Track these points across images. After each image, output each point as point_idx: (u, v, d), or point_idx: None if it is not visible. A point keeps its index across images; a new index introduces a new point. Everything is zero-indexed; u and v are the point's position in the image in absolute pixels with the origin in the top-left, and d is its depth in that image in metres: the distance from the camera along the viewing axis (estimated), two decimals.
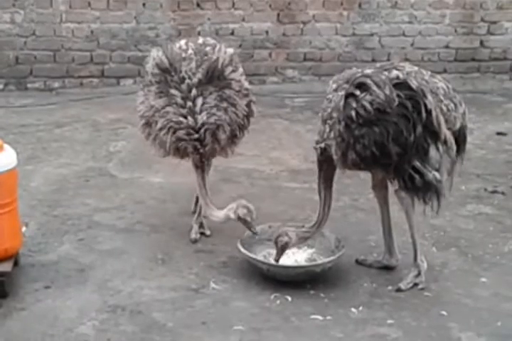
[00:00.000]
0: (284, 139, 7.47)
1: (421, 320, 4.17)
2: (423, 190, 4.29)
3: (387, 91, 4.16)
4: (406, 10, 9.35)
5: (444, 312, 4.26)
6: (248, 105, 4.92)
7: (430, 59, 9.47)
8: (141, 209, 5.66)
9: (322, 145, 4.38)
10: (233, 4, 9.17)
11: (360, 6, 9.30)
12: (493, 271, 4.76)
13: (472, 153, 6.90)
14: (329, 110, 4.34)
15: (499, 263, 4.88)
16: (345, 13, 9.31)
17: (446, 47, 9.49)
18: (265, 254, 4.76)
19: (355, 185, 5.64)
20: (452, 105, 4.34)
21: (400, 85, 4.21)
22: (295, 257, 4.77)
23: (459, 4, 9.38)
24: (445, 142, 4.25)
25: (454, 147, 4.32)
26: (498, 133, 7.63)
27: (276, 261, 4.58)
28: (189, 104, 4.62)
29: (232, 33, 9.20)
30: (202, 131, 4.65)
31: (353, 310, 4.28)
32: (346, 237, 4.98)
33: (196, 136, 4.66)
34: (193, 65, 4.70)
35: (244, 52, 8.91)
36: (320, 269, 4.55)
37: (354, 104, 4.20)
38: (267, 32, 9.26)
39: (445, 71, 9.41)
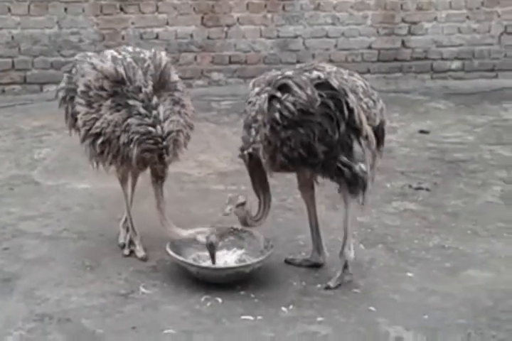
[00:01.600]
0: (212, 142, 7.47)
1: (350, 316, 4.22)
2: (353, 181, 4.34)
3: (309, 92, 4.21)
4: (329, 12, 9.48)
5: (372, 308, 4.32)
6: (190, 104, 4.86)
7: (354, 60, 9.62)
8: (68, 216, 5.58)
9: (250, 150, 4.37)
10: (157, 8, 9.16)
11: (283, 8, 9.39)
12: (419, 266, 4.85)
13: (396, 151, 7.06)
14: (253, 113, 4.34)
15: (424, 258, 4.97)
16: (269, 15, 9.39)
17: (369, 47, 9.65)
18: (194, 257, 4.75)
19: (282, 186, 5.67)
20: (371, 102, 4.42)
21: (322, 85, 4.26)
22: (225, 259, 4.77)
23: (380, 5, 9.56)
24: (366, 137, 4.33)
25: (374, 141, 4.40)
26: (421, 131, 7.79)
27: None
28: (154, 112, 4.49)
29: (157, 37, 9.18)
30: (167, 138, 4.53)
31: (283, 309, 4.30)
32: (275, 237, 5.01)
33: (164, 143, 4.52)
34: (140, 72, 4.59)
35: (170, 56, 8.79)
36: (249, 270, 4.56)
37: (278, 106, 4.23)
38: (191, 35, 9.27)
39: (368, 71, 9.58)
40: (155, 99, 4.53)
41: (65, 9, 8.91)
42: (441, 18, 9.71)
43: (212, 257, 4.61)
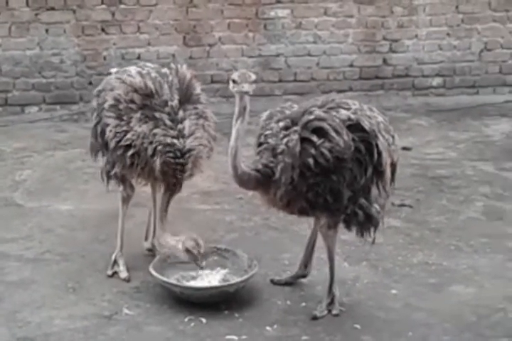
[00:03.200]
0: None
1: (335, 334, 4.20)
2: (365, 223, 4.24)
3: (346, 137, 3.99)
4: (310, 30, 9.51)
5: (357, 326, 4.30)
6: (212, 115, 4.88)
7: (336, 78, 9.65)
8: (50, 238, 5.53)
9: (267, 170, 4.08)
10: (138, 28, 9.16)
11: (265, 27, 9.43)
12: (404, 283, 4.85)
13: None
14: (278, 149, 4.05)
15: (409, 274, 4.97)
16: (250, 34, 9.42)
17: (351, 65, 9.68)
18: (178, 277, 4.73)
19: None
20: (391, 139, 4.27)
21: (353, 127, 4.06)
22: (208, 278, 4.74)
23: (361, 24, 9.61)
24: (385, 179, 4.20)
25: (389, 182, 4.28)
26: (404, 148, 7.77)
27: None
28: (179, 126, 4.52)
29: (139, 58, 9.17)
30: (187, 156, 4.54)
31: (268, 328, 4.28)
32: (259, 256, 4.99)
33: (182, 160, 4.54)
34: (166, 86, 4.64)
35: None
36: (233, 289, 4.53)
37: (312, 151, 3.99)
38: (173, 55, 9.27)
39: (350, 89, 9.62)
40: (181, 113, 4.58)
41: (46, 30, 8.90)
42: (421, 36, 9.77)
43: (195, 263, 4.54)
